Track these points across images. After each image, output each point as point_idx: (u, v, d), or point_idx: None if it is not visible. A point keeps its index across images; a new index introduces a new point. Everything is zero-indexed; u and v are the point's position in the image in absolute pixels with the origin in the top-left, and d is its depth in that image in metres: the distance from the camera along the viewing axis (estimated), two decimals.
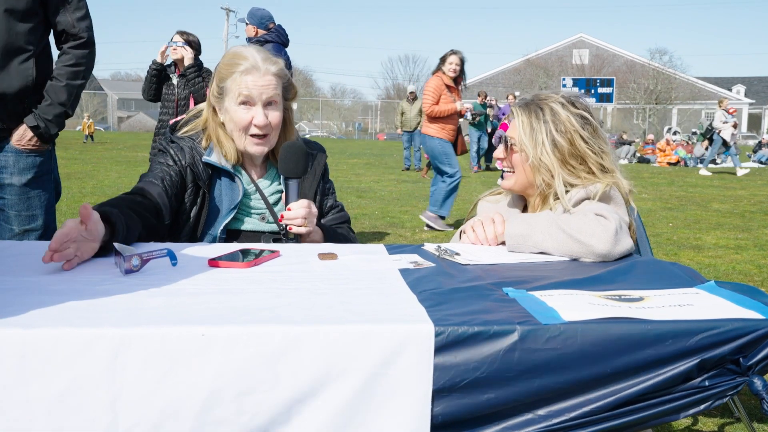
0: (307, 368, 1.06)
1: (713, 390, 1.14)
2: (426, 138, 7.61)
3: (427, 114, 7.41)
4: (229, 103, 2.05)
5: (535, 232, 1.72)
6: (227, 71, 2.05)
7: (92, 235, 1.52)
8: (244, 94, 2.02)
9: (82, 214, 1.47)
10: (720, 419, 2.89)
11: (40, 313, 1.13)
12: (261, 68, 2.03)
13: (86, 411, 1.04)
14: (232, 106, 2.04)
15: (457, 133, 7.62)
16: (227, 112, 2.07)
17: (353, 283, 1.40)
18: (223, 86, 2.05)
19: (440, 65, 7.51)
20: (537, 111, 1.94)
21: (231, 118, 2.06)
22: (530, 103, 1.98)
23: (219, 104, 2.09)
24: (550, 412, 1.12)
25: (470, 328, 1.10)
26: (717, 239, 7.42)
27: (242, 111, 2.04)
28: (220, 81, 2.06)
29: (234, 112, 2.04)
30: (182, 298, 1.25)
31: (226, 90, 2.05)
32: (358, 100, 73.71)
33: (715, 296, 1.32)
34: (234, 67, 2.03)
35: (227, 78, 2.04)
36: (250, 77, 2.02)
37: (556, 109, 1.93)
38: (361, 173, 15.42)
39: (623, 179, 1.95)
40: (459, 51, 7.49)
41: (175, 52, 5.99)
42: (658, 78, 47.48)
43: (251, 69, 2.03)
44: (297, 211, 1.96)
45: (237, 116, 2.04)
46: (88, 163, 16.13)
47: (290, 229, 1.96)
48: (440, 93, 7.33)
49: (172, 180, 2.02)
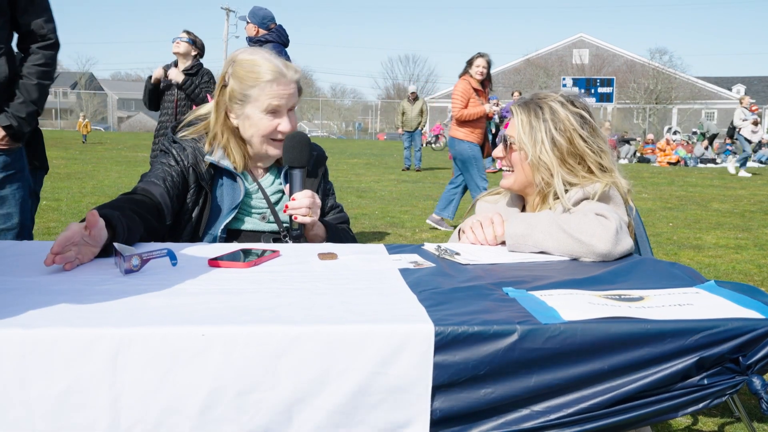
0: (308, 368, 1.07)
1: (712, 388, 1.14)
2: (455, 141, 7.56)
3: (457, 118, 7.41)
4: (251, 110, 2.04)
5: (535, 231, 1.72)
6: (251, 78, 2.02)
7: (94, 241, 1.53)
8: (273, 104, 2.03)
9: (89, 220, 1.49)
10: (720, 419, 2.89)
11: (41, 313, 1.13)
12: (287, 76, 2.05)
13: (87, 411, 1.04)
14: (257, 113, 2.04)
15: (485, 136, 7.67)
16: (248, 119, 2.06)
17: (353, 283, 1.40)
18: (248, 93, 2.03)
19: (467, 68, 7.53)
20: (536, 110, 1.94)
21: (253, 124, 2.06)
22: (529, 102, 1.98)
23: (238, 110, 2.07)
24: (548, 407, 1.12)
25: (470, 327, 1.10)
26: (717, 239, 7.42)
27: (268, 119, 2.05)
28: (244, 88, 2.03)
29: (259, 119, 2.05)
30: (182, 298, 1.25)
31: (250, 97, 2.03)
32: (358, 100, 73.78)
33: (715, 296, 1.32)
34: (259, 75, 2.02)
35: (253, 86, 2.02)
36: (278, 86, 2.03)
37: (555, 108, 1.93)
38: (361, 173, 15.42)
39: (622, 179, 1.95)
40: (486, 54, 7.53)
41: (178, 45, 6.01)
42: (658, 78, 47.46)
43: (279, 77, 2.03)
44: (301, 201, 1.97)
45: (262, 124, 2.05)
46: (88, 163, 16.13)
47: (295, 218, 1.97)
48: (469, 96, 7.38)
49: (173, 180, 2.02)
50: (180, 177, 2.03)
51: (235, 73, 2.05)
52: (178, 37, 6.06)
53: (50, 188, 10.15)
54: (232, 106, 2.07)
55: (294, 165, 2.01)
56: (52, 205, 8.72)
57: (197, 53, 6.11)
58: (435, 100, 53.76)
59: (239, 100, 2.05)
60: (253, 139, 2.08)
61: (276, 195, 2.18)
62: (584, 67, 50.46)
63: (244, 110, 2.05)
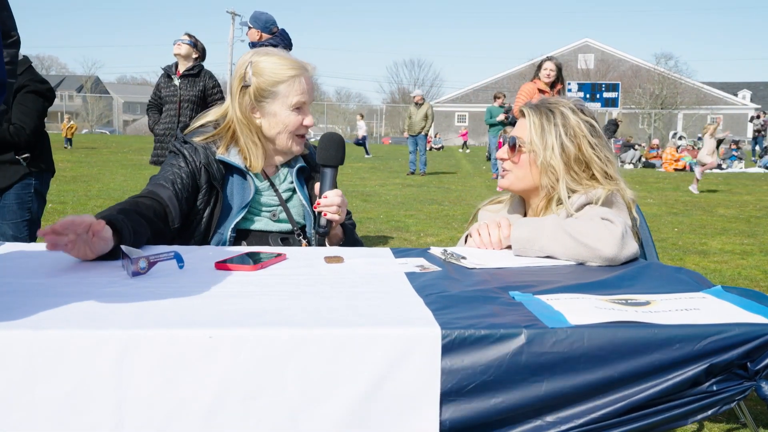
0: (314, 371, 1.06)
1: (721, 395, 1.13)
2: None
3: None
4: (279, 107, 2.07)
5: (541, 236, 1.72)
6: (278, 75, 2.05)
7: (93, 246, 1.54)
8: (301, 100, 2.08)
9: (94, 227, 1.49)
10: (726, 424, 2.88)
11: (48, 315, 1.13)
12: (308, 71, 2.10)
13: (92, 413, 1.04)
14: (284, 110, 2.07)
15: None
16: (274, 116, 2.08)
17: (360, 287, 1.40)
18: (275, 90, 2.05)
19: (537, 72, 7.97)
20: (548, 114, 1.95)
21: (281, 121, 2.08)
22: (540, 105, 1.99)
23: (263, 108, 2.08)
24: (559, 418, 1.11)
25: (477, 331, 1.10)
26: (722, 244, 7.40)
27: (294, 115, 2.09)
28: (271, 84, 2.05)
29: (287, 116, 2.08)
30: (189, 301, 1.25)
31: (277, 94, 2.06)
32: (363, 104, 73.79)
33: (722, 301, 1.31)
34: (285, 71, 2.05)
35: (281, 82, 2.05)
36: (303, 82, 2.08)
37: (566, 114, 1.94)
38: (366, 177, 15.42)
39: (627, 188, 1.96)
40: (554, 57, 7.98)
41: (179, 47, 6.03)
42: (663, 83, 47.42)
43: (303, 73, 2.08)
44: (333, 199, 2.00)
45: (290, 120, 2.08)
46: (93, 166, 16.18)
47: (325, 215, 2.00)
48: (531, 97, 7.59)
49: (183, 183, 2.02)
50: (190, 178, 2.03)
51: (258, 72, 2.06)
52: (180, 39, 6.08)
53: (56, 191, 10.18)
54: (257, 105, 2.08)
55: (329, 163, 2.04)
56: (58, 208, 8.74)
57: (198, 56, 6.11)
58: (440, 105, 53.82)
59: (265, 98, 2.07)
60: (280, 135, 2.10)
61: (287, 193, 2.19)
62: (589, 72, 50.46)
63: (272, 107, 2.08)
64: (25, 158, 3.89)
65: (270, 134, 2.11)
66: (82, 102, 60.13)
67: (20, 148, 3.86)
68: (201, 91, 5.94)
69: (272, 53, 2.10)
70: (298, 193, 2.18)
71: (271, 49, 2.14)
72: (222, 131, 2.12)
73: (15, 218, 3.88)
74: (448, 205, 10.40)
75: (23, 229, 3.91)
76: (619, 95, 37.48)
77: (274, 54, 2.10)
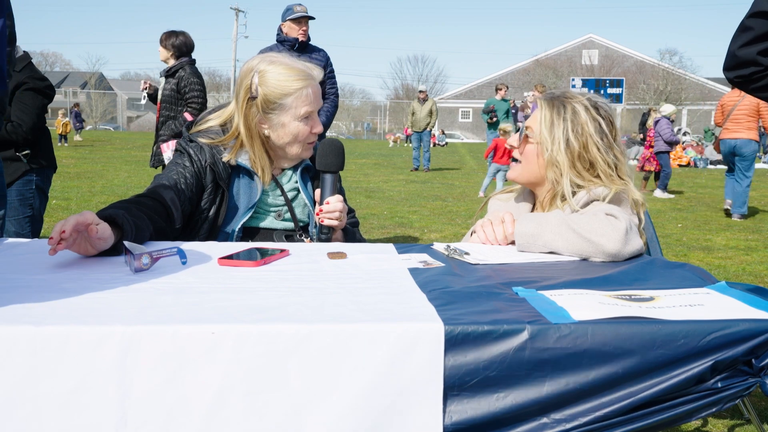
0: (318, 367, 1.06)
1: (726, 392, 1.13)
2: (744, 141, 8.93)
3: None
4: (287, 118, 2.06)
5: (545, 231, 1.71)
6: (285, 87, 2.03)
7: (93, 244, 1.54)
8: (310, 110, 2.07)
9: (90, 231, 1.50)
10: (730, 420, 2.88)
11: (51, 311, 1.13)
12: (315, 77, 2.08)
13: (95, 409, 1.04)
14: (292, 121, 2.06)
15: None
16: (283, 127, 2.07)
17: (363, 282, 1.40)
18: (283, 103, 2.04)
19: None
20: (560, 107, 1.96)
21: (290, 132, 2.07)
22: (556, 98, 2.00)
23: (271, 120, 2.06)
24: (564, 416, 1.10)
25: (480, 327, 1.10)
26: (727, 240, 7.38)
27: (303, 124, 2.08)
28: (278, 97, 2.03)
29: (296, 127, 2.07)
30: (192, 297, 1.25)
31: (285, 106, 2.04)
32: (367, 101, 73.72)
33: (727, 296, 1.31)
34: (292, 83, 2.03)
35: (288, 94, 2.03)
36: (311, 91, 2.06)
37: (578, 110, 1.94)
38: (369, 173, 15.42)
39: (635, 191, 1.95)
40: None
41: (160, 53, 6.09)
42: (668, 78, 47.29)
43: (310, 82, 2.06)
44: (335, 205, 2.01)
45: (299, 130, 2.08)
46: (97, 162, 16.21)
47: (321, 221, 2.01)
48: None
49: (187, 183, 2.01)
50: (194, 178, 2.03)
51: (264, 83, 2.04)
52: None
53: (60, 187, 10.21)
54: (264, 116, 2.06)
55: (328, 170, 2.03)
56: (62, 204, 8.76)
57: (173, 53, 6.01)
58: (444, 101, 53.77)
59: (272, 110, 2.05)
60: (290, 145, 2.10)
61: (292, 192, 2.19)
62: (594, 67, 50.35)
63: (280, 119, 2.06)
64: (26, 155, 3.91)
65: (279, 144, 2.10)
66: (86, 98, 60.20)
67: (20, 145, 3.88)
68: (173, 90, 5.93)
69: (278, 61, 2.07)
70: (302, 193, 2.19)
71: (276, 56, 2.10)
72: (229, 138, 2.11)
73: (17, 214, 3.89)
74: (451, 201, 10.40)
75: (25, 226, 3.93)
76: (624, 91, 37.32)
77: (280, 63, 2.06)
